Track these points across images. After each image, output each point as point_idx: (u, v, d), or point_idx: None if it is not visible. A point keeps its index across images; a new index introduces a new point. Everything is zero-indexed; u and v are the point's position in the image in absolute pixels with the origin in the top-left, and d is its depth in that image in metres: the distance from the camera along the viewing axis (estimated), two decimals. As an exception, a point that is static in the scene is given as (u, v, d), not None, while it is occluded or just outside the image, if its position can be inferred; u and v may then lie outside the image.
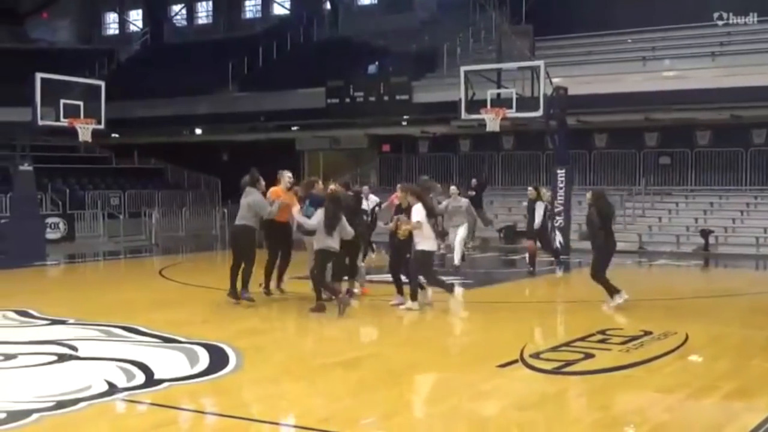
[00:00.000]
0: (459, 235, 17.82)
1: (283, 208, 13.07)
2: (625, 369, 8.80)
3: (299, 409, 7.64)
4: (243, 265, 12.84)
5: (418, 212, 12.40)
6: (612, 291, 13.18)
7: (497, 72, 23.19)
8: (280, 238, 13.45)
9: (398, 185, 13.63)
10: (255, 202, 12.82)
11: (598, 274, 13.34)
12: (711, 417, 7.46)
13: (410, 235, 12.57)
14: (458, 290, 13.44)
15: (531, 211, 18.39)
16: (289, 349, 10.63)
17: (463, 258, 18.36)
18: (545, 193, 18.96)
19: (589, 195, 13.71)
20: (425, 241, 12.51)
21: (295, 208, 12.84)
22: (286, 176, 13.62)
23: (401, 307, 12.84)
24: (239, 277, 12.87)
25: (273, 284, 13.73)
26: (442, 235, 22.68)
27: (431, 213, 12.59)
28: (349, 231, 12.46)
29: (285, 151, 32.05)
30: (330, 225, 12.19)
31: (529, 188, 18.84)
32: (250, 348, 9.85)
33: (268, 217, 12.94)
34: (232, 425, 7.03)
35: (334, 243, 12.33)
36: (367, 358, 10.20)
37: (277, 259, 13.63)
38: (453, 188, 18.28)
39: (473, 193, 23.49)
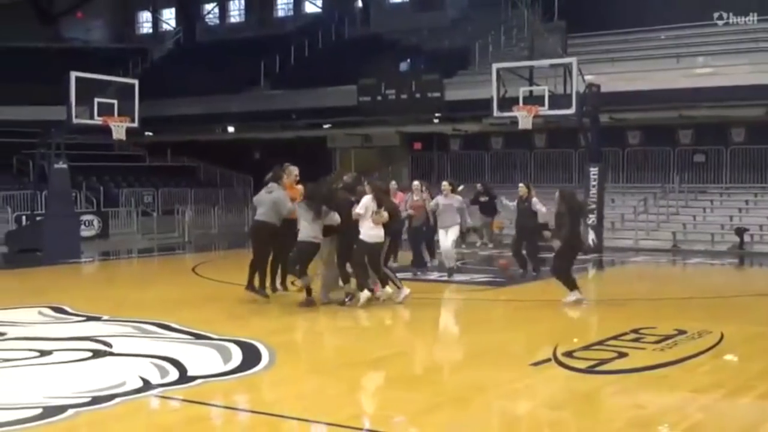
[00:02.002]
0: (450, 238, 15.97)
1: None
2: (660, 368, 8.72)
3: (331, 406, 7.64)
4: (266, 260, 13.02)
5: (361, 205, 12.59)
6: (573, 286, 13.30)
7: (529, 69, 23.08)
8: (289, 235, 13.38)
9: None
10: (279, 199, 12.87)
11: (561, 269, 13.44)
12: (746, 417, 7.39)
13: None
14: (365, 295, 13.24)
15: (522, 211, 16.79)
16: (321, 346, 10.67)
17: (453, 268, 16.34)
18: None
19: (557, 194, 13.77)
20: (367, 232, 12.61)
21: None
22: (294, 172, 13.44)
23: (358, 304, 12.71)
24: (267, 273, 13.00)
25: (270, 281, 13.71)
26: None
27: (379, 204, 12.63)
28: (335, 218, 12.48)
29: (317, 149, 32.14)
30: (315, 212, 12.31)
31: (520, 184, 17.25)
32: (282, 345, 9.88)
33: (287, 216, 12.91)
34: (264, 422, 7.05)
35: (316, 233, 12.39)
36: (399, 356, 10.20)
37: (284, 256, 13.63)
38: (445, 184, 16.47)
39: (485, 198, 23.26)
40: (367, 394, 7.99)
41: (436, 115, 29.65)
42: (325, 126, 32.48)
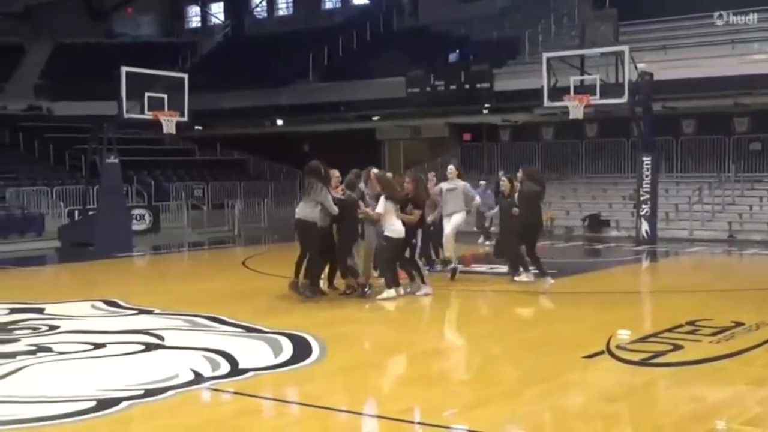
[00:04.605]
0: (451, 224, 14.54)
1: None
2: (716, 361, 8.61)
3: (381, 399, 7.67)
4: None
5: (381, 203, 12.58)
6: (525, 266, 13.58)
7: (580, 58, 22.84)
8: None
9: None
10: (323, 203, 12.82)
11: (514, 248, 13.80)
12: (806, 410, 7.26)
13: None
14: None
15: (505, 208, 14.64)
16: (371, 339, 10.68)
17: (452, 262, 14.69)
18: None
19: (520, 173, 13.83)
20: (389, 228, 12.61)
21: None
22: (335, 174, 13.11)
23: (378, 297, 12.71)
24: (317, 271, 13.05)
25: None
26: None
27: (394, 201, 12.63)
28: (328, 201, 12.38)
29: (365, 141, 32.17)
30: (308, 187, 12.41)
31: (503, 179, 15.05)
32: (332, 338, 9.90)
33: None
34: (315, 415, 7.08)
35: (308, 212, 12.41)
36: (449, 349, 10.20)
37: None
38: (451, 167, 15.10)
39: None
40: (417, 386, 7.97)
41: (486, 105, 29.49)
42: (374, 118, 32.51)
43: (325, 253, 12.85)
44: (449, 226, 14.64)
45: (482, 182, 22.79)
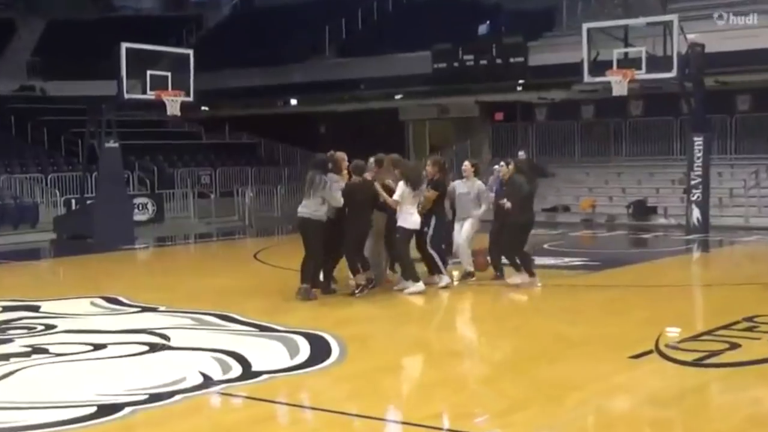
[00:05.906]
0: (464, 232, 13.99)
1: None
2: (777, 360, 8.56)
3: (407, 404, 7.66)
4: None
5: (399, 190, 12.59)
6: (531, 271, 13.29)
7: (624, 29, 22.71)
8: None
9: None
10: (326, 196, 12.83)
11: (515, 250, 13.40)
12: None
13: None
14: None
15: (501, 197, 13.94)
16: (394, 338, 10.65)
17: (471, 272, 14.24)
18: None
19: (511, 166, 13.58)
20: (404, 217, 12.63)
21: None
22: (344, 158, 13.11)
23: (405, 292, 12.78)
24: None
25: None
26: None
27: (414, 186, 12.67)
28: (336, 198, 12.36)
29: (388, 122, 32.13)
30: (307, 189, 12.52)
31: (501, 163, 14.24)
32: (352, 337, 9.90)
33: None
34: (336, 421, 7.07)
35: (312, 210, 12.42)
36: (480, 348, 10.19)
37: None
38: (466, 164, 14.45)
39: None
40: (447, 390, 7.95)
41: (520, 82, 29.42)
42: (397, 96, 32.44)
43: (329, 246, 12.76)
44: (462, 235, 14.06)
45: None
